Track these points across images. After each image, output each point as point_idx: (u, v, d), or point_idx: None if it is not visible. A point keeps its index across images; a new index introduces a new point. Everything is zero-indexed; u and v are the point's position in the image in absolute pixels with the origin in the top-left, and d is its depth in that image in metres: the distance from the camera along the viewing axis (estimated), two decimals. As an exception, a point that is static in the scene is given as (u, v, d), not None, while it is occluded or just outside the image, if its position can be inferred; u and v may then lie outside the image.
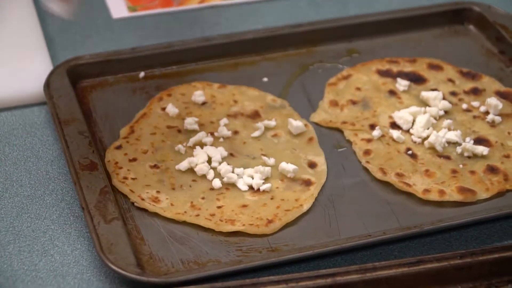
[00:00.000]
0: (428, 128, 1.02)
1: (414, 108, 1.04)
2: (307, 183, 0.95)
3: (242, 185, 0.94)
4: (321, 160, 0.98)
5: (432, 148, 1.00)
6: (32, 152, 1.00)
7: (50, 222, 0.92)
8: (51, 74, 1.05)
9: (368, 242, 0.89)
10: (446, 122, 1.02)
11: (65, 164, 0.97)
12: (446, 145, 1.00)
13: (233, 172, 0.95)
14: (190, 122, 1.00)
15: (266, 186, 0.94)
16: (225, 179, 0.94)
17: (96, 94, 1.05)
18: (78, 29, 1.16)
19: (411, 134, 1.02)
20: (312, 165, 0.97)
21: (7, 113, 1.04)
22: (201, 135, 0.99)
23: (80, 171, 0.93)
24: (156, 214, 0.91)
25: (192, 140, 0.98)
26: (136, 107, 1.03)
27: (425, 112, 1.03)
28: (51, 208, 0.93)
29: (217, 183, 0.94)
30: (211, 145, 0.98)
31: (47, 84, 1.03)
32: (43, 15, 1.17)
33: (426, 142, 1.00)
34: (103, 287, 0.85)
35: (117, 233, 0.87)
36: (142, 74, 1.08)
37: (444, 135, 1.00)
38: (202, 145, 0.98)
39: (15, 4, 1.17)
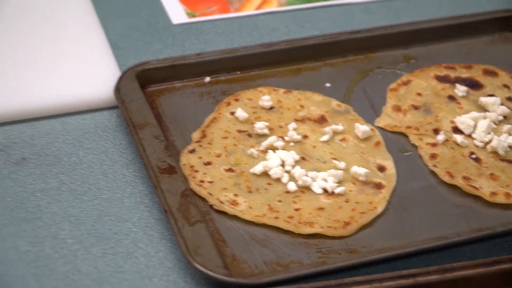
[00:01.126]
0: (489, 133, 1.02)
1: (474, 114, 1.04)
2: (379, 186, 0.96)
3: (316, 188, 0.95)
4: (390, 164, 0.99)
5: (494, 152, 1.01)
6: (107, 155, 1.00)
7: (131, 224, 0.92)
8: (120, 79, 1.05)
9: (444, 244, 0.90)
10: (506, 127, 1.04)
11: (141, 167, 0.97)
12: (508, 149, 1.01)
13: (307, 175, 0.96)
14: (260, 127, 1.01)
15: (340, 189, 0.95)
16: (300, 182, 0.95)
17: (164, 99, 1.06)
18: (140, 34, 1.17)
19: (473, 139, 1.02)
20: (381, 168, 0.98)
21: (78, 117, 1.04)
22: (273, 139, 0.99)
23: (159, 175, 0.94)
24: (235, 217, 0.92)
25: (264, 144, 0.99)
26: (204, 112, 1.04)
27: (485, 117, 1.04)
28: (131, 210, 0.94)
29: (292, 186, 0.95)
30: (282, 149, 0.99)
31: (118, 89, 1.04)
32: (104, 20, 1.18)
33: (488, 146, 1.01)
34: (189, 289, 0.86)
35: (201, 235, 0.88)
36: (207, 79, 1.09)
37: (505, 139, 1.01)
38: (273, 149, 0.99)
39: (77, 11, 1.18)
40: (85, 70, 1.09)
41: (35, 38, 1.13)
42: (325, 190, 0.95)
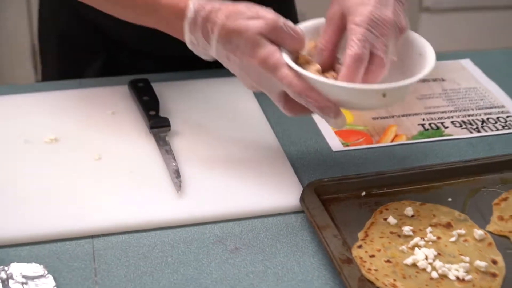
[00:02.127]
0: None
1: None
2: (493, 275, 1.04)
3: (452, 276, 1.03)
4: (500, 259, 1.06)
5: None
6: (297, 247, 1.08)
7: (320, 300, 1.01)
8: (304, 191, 1.14)
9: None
10: None
11: (323, 257, 1.05)
12: None
13: (445, 267, 1.04)
14: (407, 230, 1.09)
15: (469, 277, 1.03)
16: (440, 271, 1.03)
17: (334, 207, 1.14)
18: (310, 158, 1.25)
19: None
20: (494, 262, 1.06)
21: (273, 218, 1.12)
22: (417, 240, 1.07)
23: (341, 264, 1.02)
24: (396, 296, 1.01)
25: (411, 243, 1.07)
26: (364, 217, 1.12)
27: None
28: (320, 289, 1.02)
29: (435, 274, 1.03)
30: (424, 247, 1.07)
31: (302, 198, 1.13)
32: (284, 147, 1.27)
33: None
34: None
35: (377, 309, 0.97)
36: (363, 193, 1.17)
37: None
38: (418, 246, 1.07)
39: (266, 142, 1.27)
40: (278, 184, 1.17)
41: (237, 159, 1.22)
42: (457, 278, 1.03)
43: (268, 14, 1.04)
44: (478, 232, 1.10)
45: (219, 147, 1.24)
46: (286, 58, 1.06)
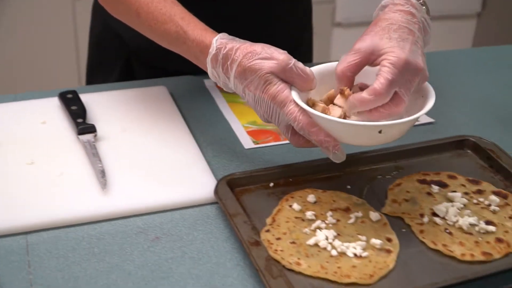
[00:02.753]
0: (455, 216, 1.07)
1: (445, 203, 1.09)
2: (388, 251, 1.01)
3: (350, 253, 1.00)
4: (394, 237, 1.03)
5: (460, 228, 1.05)
6: (212, 234, 1.04)
7: (233, 279, 0.96)
8: (217, 184, 1.10)
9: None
10: (466, 211, 1.08)
11: (236, 241, 1.02)
12: (469, 225, 1.06)
13: (343, 245, 1.00)
14: (309, 215, 1.06)
15: (365, 254, 1.00)
16: (339, 250, 1.00)
17: (245, 197, 1.10)
18: (225, 155, 1.21)
19: (446, 220, 1.07)
20: (389, 240, 1.03)
21: (190, 210, 1.09)
22: (318, 223, 1.04)
23: (250, 246, 0.99)
24: (300, 273, 0.97)
25: (313, 226, 1.04)
26: (272, 205, 1.08)
27: (452, 206, 1.09)
28: (232, 270, 0.98)
29: (334, 252, 0.99)
30: (325, 228, 1.04)
31: (216, 191, 1.09)
32: (201, 147, 1.23)
33: (456, 225, 1.06)
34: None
35: (282, 285, 0.93)
36: (271, 184, 1.13)
37: (466, 220, 1.06)
38: (320, 228, 1.04)
39: (182, 141, 1.23)
40: (195, 179, 1.13)
41: (160, 159, 1.17)
42: (355, 254, 1.00)
43: (280, 56, 1.02)
44: (374, 214, 1.07)
45: (141, 149, 1.19)
46: (295, 95, 1.03)
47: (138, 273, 0.97)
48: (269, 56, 1.04)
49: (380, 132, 0.99)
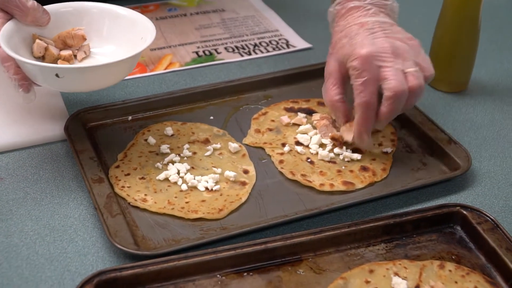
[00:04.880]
0: (319, 144, 1.02)
1: (310, 132, 1.04)
2: (243, 183, 0.96)
3: (201, 187, 0.94)
4: (251, 169, 0.98)
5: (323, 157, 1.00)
6: (59, 173, 0.98)
7: (73, 219, 0.91)
8: (68, 121, 1.04)
9: (285, 220, 0.89)
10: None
11: (82, 180, 0.96)
12: (333, 154, 1.01)
13: (194, 179, 0.95)
14: (164, 148, 1.00)
15: (217, 187, 0.94)
16: (189, 184, 0.94)
17: (100, 132, 1.04)
18: None
19: (309, 148, 1.02)
20: (245, 171, 0.98)
21: (40, 147, 1.02)
22: (172, 156, 0.99)
23: (92, 184, 0.93)
24: (145, 209, 0.91)
25: (166, 160, 0.98)
26: (127, 140, 1.02)
27: (316, 134, 1.04)
28: (74, 209, 0.92)
29: (184, 187, 0.94)
30: (179, 162, 0.98)
31: (67, 128, 1.02)
32: None
33: (319, 154, 1.01)
34: (113, 261, 0.85)
35: (120, 223, 0.87)
36: (130, 117, 1.07)
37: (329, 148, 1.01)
38: (173, 162, 0.98)
39: None
40: (46, 117, 1.06)
41: (10, 95, 1.09)
42: (206, 188, 0.94)
43: None
44: (233, 145, 1.01)
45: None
46: (7, 27, 0.94)
47: (-25, 217, 0.90)
48: None
49: (57, 76, 0.91)
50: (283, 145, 1.02)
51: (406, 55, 0.94)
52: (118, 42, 1.01)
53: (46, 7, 0.98)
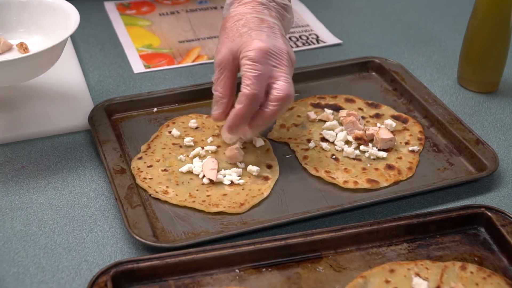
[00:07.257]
0: (345, 141, 1.01)
1: (336, 128, 1.02)
2: (266, 178, 0.94)
3: (226, 181, 0.93)
4: (275, 163, 0.97)
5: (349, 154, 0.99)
6: (81, 162, 0.98)
7: (94, 209, 0.90)
8: (93, 111, 1.03)
9: (307, 217, 0.88)
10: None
11: (104, 170, 0.95)
12: (358, 152, 0.99)
13: (219, 173, 0.94)
14: (188, 141, 0.99)
15: (240, 181, 0.93)
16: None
17: (125, 123, 1.03)
18: (111, 80, 1.14)
19: (334, 145, 1.00)
20: (269, 166, 0.96)
21: (64, 137, 1.02)
22: (198, 150, 0.97)
23: (114, 174, 0.92)
24: (166, 202, 0.90)
25: (192, 153, 0.97)
26: (151, 131, 1.02)
27: (342, 130, 1.02)
28: (95, 200, 0.92)
29: (206, 180, 0.93)
30: (204, 156, 0.97)
31: (91, 118, 1.02)
32: (85, 71, 1.15)
33: (345, 150, 0.99)
34: (131, 252, 0.84)
35: (139, 215, 0.87)
36: (155, 109, 1.06)
37: (355, 145, 0.99)
38: (198, 156, 0.97)
39: (66, 64, 1.14)
40: (71, 106, 1.06)
41: (37, 85, 1.09)
42: (232, 182, 0.93)
43: None
44: (258, 140, 1.00)
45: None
46: None
47: (-4, 203, 0.90)
48: None
49: None
50: (308, 141, 1.00)
51: (293, 64, 0.93)
52: (44, 32, 1.02)
53: None
